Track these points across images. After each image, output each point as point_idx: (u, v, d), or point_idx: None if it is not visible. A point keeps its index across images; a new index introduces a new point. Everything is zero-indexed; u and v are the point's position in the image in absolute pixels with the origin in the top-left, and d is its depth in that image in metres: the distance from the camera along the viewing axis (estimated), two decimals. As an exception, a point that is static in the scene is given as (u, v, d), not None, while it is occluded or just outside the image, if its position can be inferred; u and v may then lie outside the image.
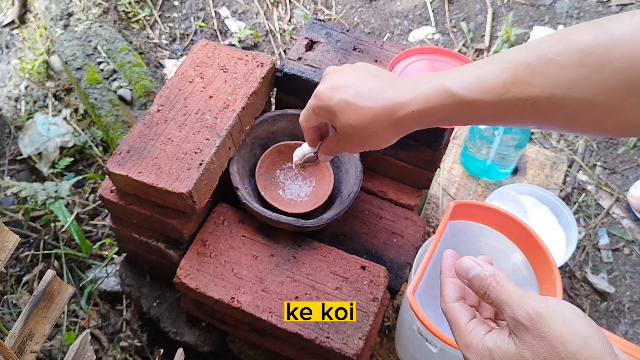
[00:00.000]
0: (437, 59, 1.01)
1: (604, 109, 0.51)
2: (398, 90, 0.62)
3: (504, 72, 0.54)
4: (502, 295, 0.49)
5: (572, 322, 0.45)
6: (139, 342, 1.19)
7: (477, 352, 0.49)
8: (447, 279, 0.55)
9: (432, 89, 0.59)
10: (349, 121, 0.65)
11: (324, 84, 0.69)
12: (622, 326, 1.28)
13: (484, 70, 0.56)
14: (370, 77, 0.66)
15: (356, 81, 0.66)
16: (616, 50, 0.48)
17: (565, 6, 1.81)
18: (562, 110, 0.52)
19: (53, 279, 0.88)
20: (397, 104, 0.61)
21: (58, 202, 1.31)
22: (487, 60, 0.57)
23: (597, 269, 1.35)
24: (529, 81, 0.53)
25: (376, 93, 0.64)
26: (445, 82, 0.58)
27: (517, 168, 1.43)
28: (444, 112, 0.59)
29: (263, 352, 1.07)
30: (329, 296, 0.93)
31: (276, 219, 0.95)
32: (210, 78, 1.01)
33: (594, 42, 0.49)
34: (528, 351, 0.45)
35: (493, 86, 0.55)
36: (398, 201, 1.11)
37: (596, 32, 0.50)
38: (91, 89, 1.47)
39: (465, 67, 0.58)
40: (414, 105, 0.60)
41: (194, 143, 0.92)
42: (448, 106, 0.58)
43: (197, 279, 0.94)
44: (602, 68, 0.49)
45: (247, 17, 1.84)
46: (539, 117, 0.54)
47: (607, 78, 0.49)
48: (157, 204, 0.93)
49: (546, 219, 1.25)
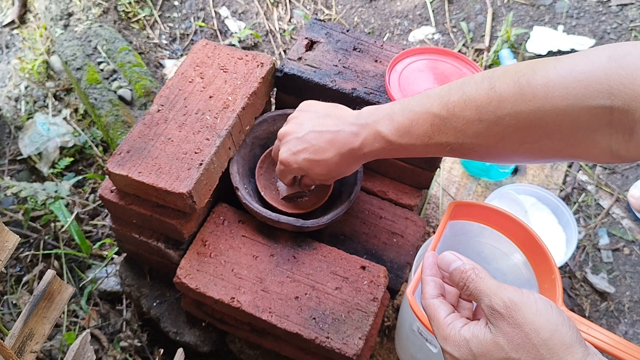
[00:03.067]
0: (437, 59, 1.01)
1: (506, 151, 0.61)
2: (347, 134, 0.75)
3: (425, 123, 0.66)
4: (480, 286, 0.52)
5: (544, 311, 0.48)
6: (139, 342, 1.19)
7: (454, 343, 0.52)
8: (428, 277, 0.59)
9: (373, 136, 0.72)
10: (317, 172, 0.81)
11: (284, 150, 0.83)
12: (622, 326, 1.28)
13: (409, 119, 0.68)
14: (319, 125, 0.79)
15: (310, 137, 0.79)
16: (504, 108, 0.57)
17: (565, 6, 1.81)
18: (474, 152, 0.64)
19: (53, 279, 0.88)
20: (350, 150, 0.75)
21: (58, 202, 1.31)
22: (410, 106, 0.68)
23: (597, 269, 1.35)
24: (444, 132, 0.64)
25: (330, 143, 0.77)
26: (382, 129, 0.71)
27: (517, 168, 1.44)
28: (386, 152, 0.73)
29: (263, 352, 1.07)
30: (329, 296, 0.93)
31: (276, 219, 0.95)
32: (210, 78, 1.01)
33: (487, 100, 0.59)
34: (503, 338, 0.48)
35: (418, 134, 0.67)
36: (398, 201, 1.11)
37: (487, 90, 0.59)
38: (91, 89, 1.47)
39: (394, 113, 0.70)
40: (363, 149, 0.74)
41: (194, 143, 0.92)
42: (387, 149, 0.72)
43: (197, 279, 0.94)
44: (496, 123, 0.59)
45: (247, 17, 1.84)
46: (458, 154, 0.66)
47: (503, 131, 0.59)
48: (157, 204, 0.93)
49: (546, 219, 1.25)
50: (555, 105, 0.54)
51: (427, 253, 0.62)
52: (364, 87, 1.00)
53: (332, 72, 1.02)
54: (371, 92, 0.99)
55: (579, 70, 0.53)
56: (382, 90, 1.00)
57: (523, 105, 0.56)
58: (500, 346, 0.48)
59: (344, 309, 0.92)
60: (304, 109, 0.84)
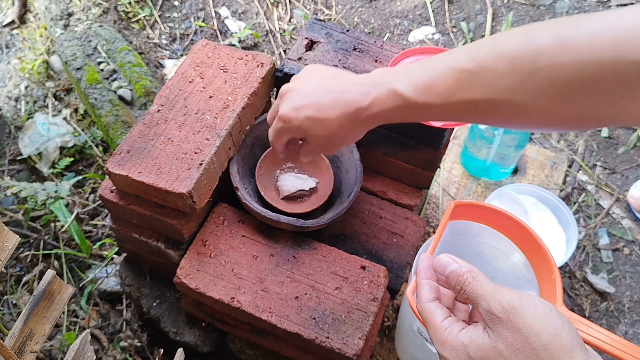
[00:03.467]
0: None
1: (538, 111, 0.56)
2: (355, 94, 0.68)
3: (448, 78, 0.59)
4: (477, 290, 0.51)
5: (544, 314, 0.47)
6: (139, 342, 1.19)
7: (452, 348, 0.50)
8: (423, 280, 0.57)
9: (386, 93, 0.65)
10: (318, 133, 0.72)
11: (285, 106, 0.74)
12: (622, 326, 1.28)
13: (431, 75, 0.61)
14: (325, 84, 0.72)
15: (314, 94, 0.71)
16: (542, 58, 0.53)
17: (565, 6, 1.81)
18: (501, 111, 0.58)
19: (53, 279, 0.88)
20: (357, 109, 0.67)
21: (58, 202, 1.31)
22: (431, 63, 0.62)
23: (597, 269, 1.35)
24: (470, 87, 0.58)
25: (335, 101, 0.69)
26: (398, 86, 0.63)
27: (517, 168, 1.43)
28: (399, 113, 0.65)
29: (263, 352, 1.07)
30: (329, 296, 0.93)
31: (276, 219, 0.95)
32: (210, 78, 1.01)
33: (523, 51, 0.54)
34: (502, 343, 0.47)
35: (439, 91, 0.60)
36: (398, 201, 1.11)
37: (524, 41, 0.55)
38: (91, 89, 1.47)
39: (412, 70, 0.64)
40: (373, 109, 0.66)
41: (194, 143, 0.92)
42: (402, 107, 0.64)
43: (197, 279, 0.94)
44: (532, 75, 0.54)
45: (247, 17, 1.84)
46: (481, 116, 0.61)
47: (537, 84, 0.54)
48: (157, 204, 0.93)
49: (546, 219, 1.25)
50: (601, 56, 0.50)
51: (421, 256, 0.60)
52: (364, 87, 1.00)
53: (332, 72, 1.02)
54: (371, 92, 0.99)
55: (628, 22, 0.50)
56: (382, 90, 1.00)
57: (564, 57, 0.52)
58: (499, 351, 0.47)
59: (344, 309, 0.92)
60: (310, 70, 0.77)
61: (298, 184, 1.03)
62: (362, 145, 1.06)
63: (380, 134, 1.04)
